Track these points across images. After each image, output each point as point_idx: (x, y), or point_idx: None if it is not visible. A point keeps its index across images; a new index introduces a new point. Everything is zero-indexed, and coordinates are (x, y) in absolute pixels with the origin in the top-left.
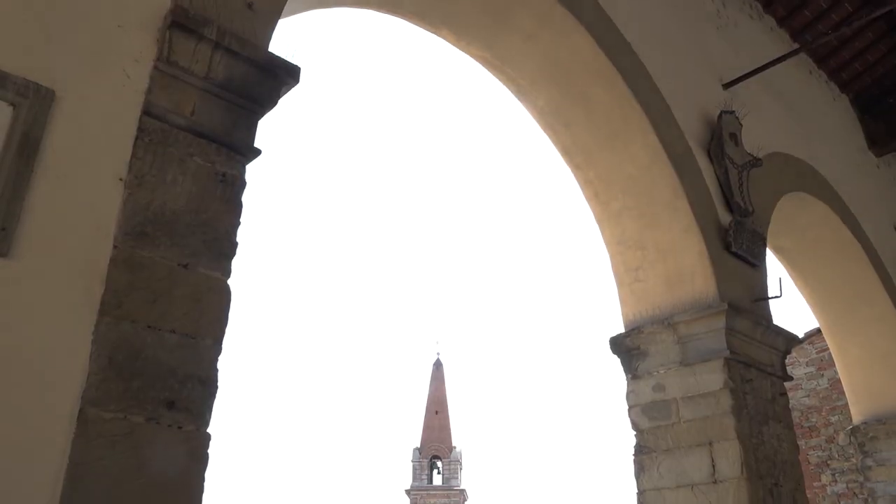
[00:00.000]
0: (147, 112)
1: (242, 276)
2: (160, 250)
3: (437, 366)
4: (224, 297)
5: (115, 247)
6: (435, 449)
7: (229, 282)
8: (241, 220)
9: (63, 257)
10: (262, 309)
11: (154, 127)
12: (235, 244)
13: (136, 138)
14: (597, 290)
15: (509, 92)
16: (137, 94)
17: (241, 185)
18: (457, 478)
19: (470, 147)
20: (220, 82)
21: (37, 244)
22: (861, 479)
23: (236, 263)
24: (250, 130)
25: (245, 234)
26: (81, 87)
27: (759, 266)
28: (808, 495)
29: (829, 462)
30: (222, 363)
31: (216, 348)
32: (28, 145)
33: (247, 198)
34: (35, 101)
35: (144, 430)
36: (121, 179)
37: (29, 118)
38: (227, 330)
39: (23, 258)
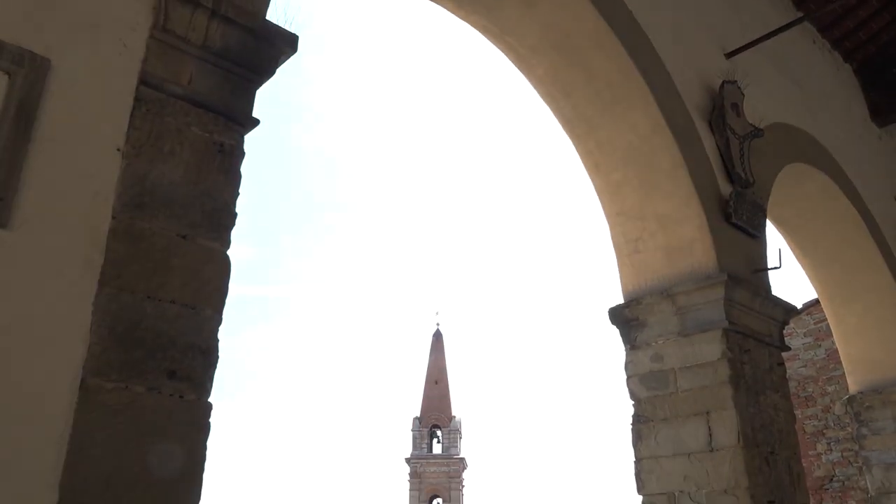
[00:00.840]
0: (144, 81)
1: (247, 249)
2: (159, 221)
3: (437, 336)
4: (223, 267)
5: (113, 217)
6: (435, 418)
7: (228, 253)
8: (240, 190)
9: (62, 228)
10: (264, 282)
11: (151, 96)
12: (234, 215)
13: (133, 108)
14: (597, 261)
15: (509, 61)
16: (134, 62)
17: (240, 155)
18: (456, 446)
19: (471, 118)
20: (216, 51)
21: (36, 214)
22: (856, 447)
23: (236, 233)
24: (248, 100)
25: (247, 205)
26: (77, 55)
27: (758, 237)
28: (804, 463)
29: (824, 431)
30: (222, 334)
31: (216, 319)
32: (24, 114)
33: (246, 168)
34: (30, 70)
35: (146, 399)
36: (118, 149)
37: (24, 87)
38: (227, 300)
39: (22, 228)
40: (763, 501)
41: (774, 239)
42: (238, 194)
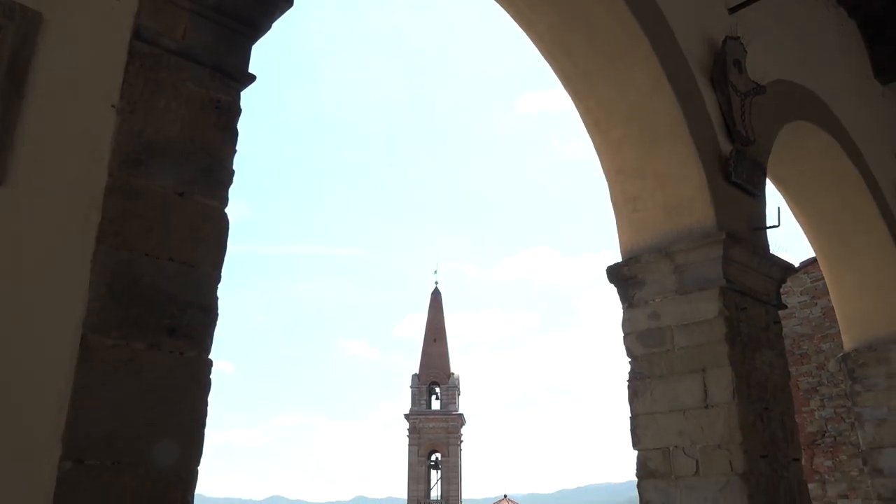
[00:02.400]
0: (137, 35)
1: (249, 203)
2: (155, 178)
3: (436, 294)
4: (221, 225)
5: (109, 175)
6: (433, 375)
7: (226, 210)
8: (237, 147)
9: (58, 185)
10: (267, 233)
11: (145, 51)
12: (231, 172)
13: (127, 63)
14: (596, 219)
15: (510, 17)
16: (127, 16)
17: (236, 111)
18: (455, 403)
19: (472, 75)
20: (211, 4)
21: (31, 172)
22: (849, 404)
23: (234, 191)
24: (244, 55)
25: (246, 160)
26: (69, 9)
27: (758, 195)
28: (797, 419)
29: (818, 388)
30: (221, 291)
31: (215, 276)
32: (17, 69)
33: (244, 124)
34: (22, 24)
35: (146, 356)
36: (113, 106)
37: (16, 41)
38: (226, 257)
39: (18, 185)
40: (756, 456)
41: (774, 198)
42: (235, 151)
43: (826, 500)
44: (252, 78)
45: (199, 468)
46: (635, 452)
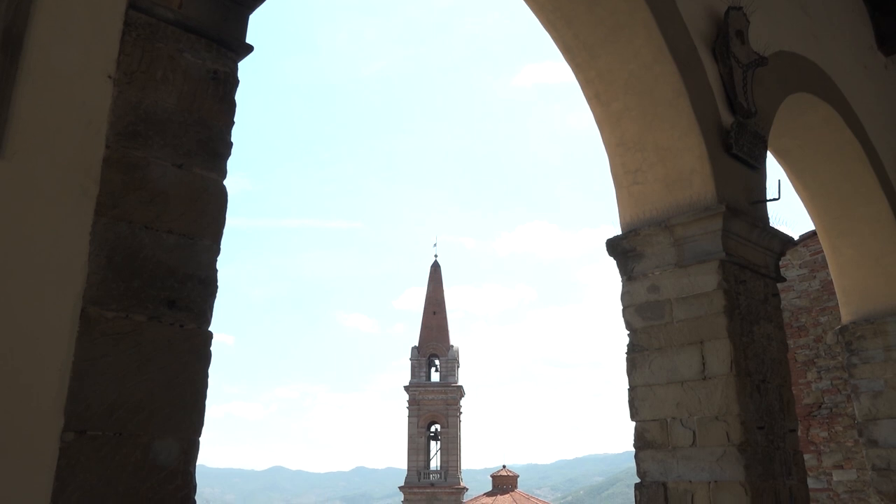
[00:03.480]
0: (133, 5)
1: (252, 177)
2: (153, 150)
3: (435, 267)
4: (220, 197)
5: (107, 147)
6: (433, 347)
7: (225, 183)
8: (235, 119)
9: (56, 157)
10: (267, 207)
11: (141, 21)
12: (230, 144)
13: (123, 33)
14: (595, 193)
15: None
16: None
17: (234, 82)
18: (454, 375)
19: (472, 48)
20: None
21: (28, 144)
22: (846, 376)
23: (234, 165)
24: (241, 25)
25: (246, 134)
26: None
27: (758, 168)
28: (794, 391)
29: (815, 360)
30: (221, 264)
31: (214, 248)
32: (11, 41)
33: (243, 97)
34: None
35: (146, 328)
36: (109, 77)
37: (9, 12)
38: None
39: (15, 158)
40: (753, 427)
41: (774, 170)
42: (233, 123)
43: (821, 470)
44: (249, 48)
45: (201, 439)
46: (633, 424)
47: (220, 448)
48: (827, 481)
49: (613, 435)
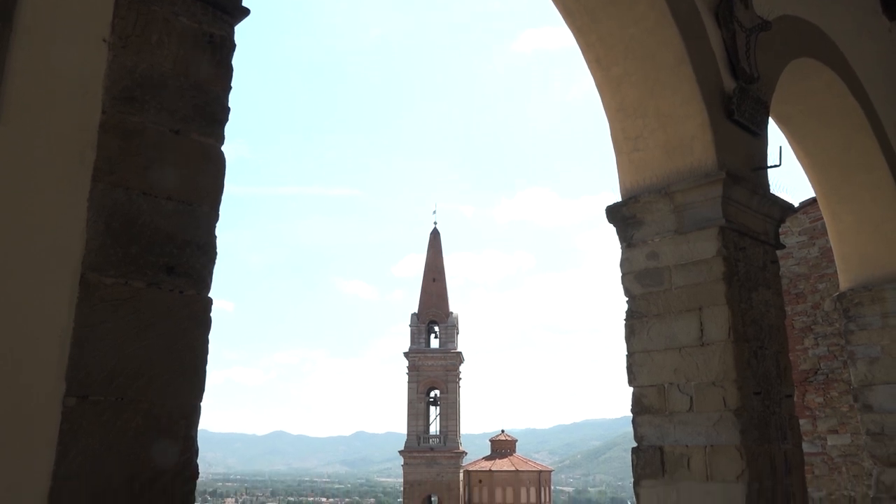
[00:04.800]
0: None
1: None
2: (150, 115)
3: (435, 235)
4: (218, 163)
5: (103, 112)
6: (432, 314)
7: (223, 148)
8: (232, 84)
9: (52, 123)
10: (266, 174)
11: None
12: (227, 109)
13: None
14: (595, 160)
15: None
16: None
17: (231, 47)
18: (453, 342)
19: (471, 20)
20: None
21: (24, 109)
22: (842, 342)
23: (233, 132)
24: None
25: (245, 101)
26: None
27: (760, 134)
28: (791, 357)
29: (812, 327)
30: (221, 231)
31: (213, 215)
32: (4, 5)
33: (241, 63)
34: None
35: (146, 294)
36: (104, 40)
37: None
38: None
39: (10, 124)
40: (749, 392)
41: (776, 136)
42: (230, 88)
43: (816, 434)
44: (246, 12)
45: (202, 404)
46: (631, 389)
47: (221, 413)
48: (821, 445)
49: (611, 400)
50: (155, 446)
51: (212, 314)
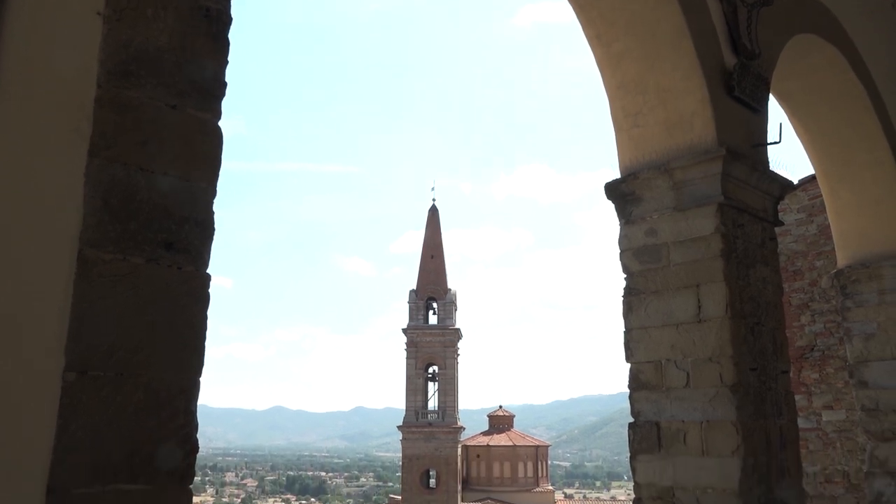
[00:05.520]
0: None
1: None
2: (146, 90)
3: (433, 211)
4: (216, 138)
5: (98, 86)
6: (431, 291)
7: (220, 123)
8: (229, 58)
9: (47, 96)
10: (264, 151)
11: None
12: (224, 84)
13: None
14: (593, 137)
15: None
16: None
17: (227, 20)
18: (451, 318)
19: None
20: None
21: (17, 84)
22: (839, 319)
23: (231, 108)
24: None
25: (242, 77)
26: None
27: (760, 111)
28: (787, 334)
29: (809, 304)
30: (219, 208)
31: (210, 191)
32: None
33: (238, 38)
34: None
35: (144, 270)
36: (99, 13)
37: None
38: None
39: (4, 98)
40: (746, 369)
41: (776, 113)
42: (227, 62)
43: (811, 410)
44: None
45: (202, 379)
46: (628, 365)
47: (221, 388)
48: (816, 421)
49: (608, 376)
50: (155, 421)
51: (210, 290)
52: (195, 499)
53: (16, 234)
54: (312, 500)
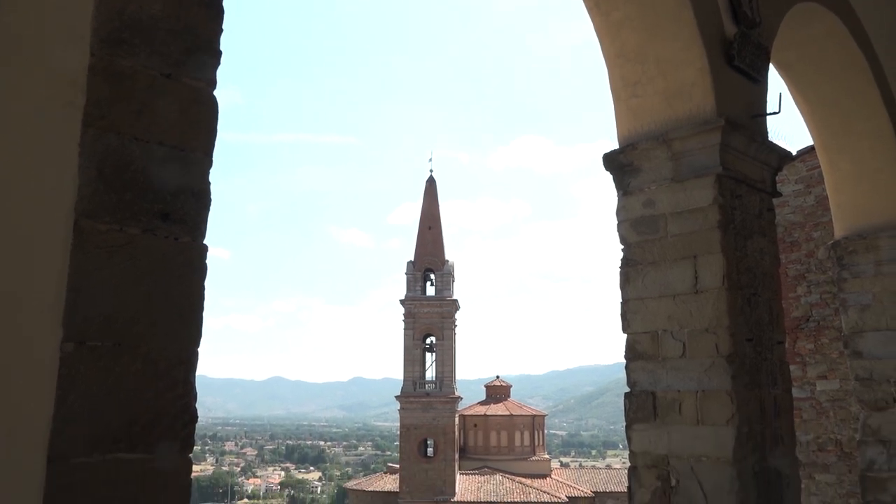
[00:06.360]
0: None
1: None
2: (140, 58)
3: (430, 182)
4: (211, 108)
5: (92, 55)
6: (428, 262)
7: (215, 93)
8: (223, 26)
9: (38, 65)
10: (260, 122)
11: None
12: (219, 53)
13: None
14: (592, 107)
15: None
16: None
17: None
18: (449, 289)
19: None
20: None
21: (8, 52)
22: (835, 290)
23: (226, 79)
24: None
25: (237, 46)
26: None
27: (760, 81)
28: (783, 305)
29: (805, 275)
30: (216, 179)
31: (206, 161)
32: None
33: (233, 6)
34: None
35: (141, 241)
36: None
37: None
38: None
39: None
40: (741, 339)
41: (775, 83)
42: (222, 30)
43: (805, 380)
44: None
45: (200, 350)
46: (625, 336)
47: (220, 359)
48: (810, 391)
49: (604, 347)
50: (154, 391)
51: (208, 262)
52: (195, 467)
53: (11, 205)
54: (311, 468)
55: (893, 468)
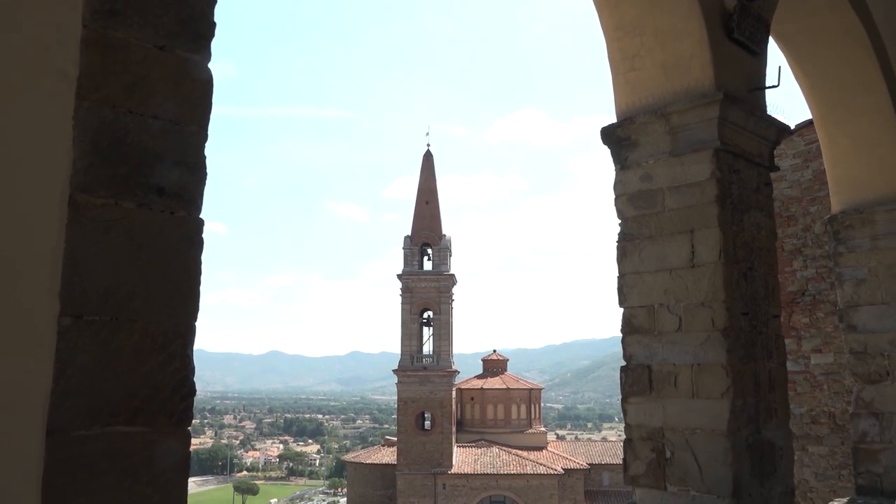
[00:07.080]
0: None
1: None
2: (133, 30)
3: (428, 157)
4: (205, 81)
5: (84, 26)
6: (425, 237)
7: (210, 66)
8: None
9: (30, 37)
10: (255, 95)
11: None
12: (213, 24)
13: None
14: (589, 80)
15: None
16: None
17: None
18: (446, 264)
19: None
20: None
21: (1, 22)
22: (831, 264)
23: (221, 52)
24: None
25: (231, 19)
26: None
27: (759, 53)
28: (779, 279)
29: (802, 249)
30: (211, 153)
31: (201, 134)
32: None
33: None
34: None
35: (136, 215)
36: None
37: None
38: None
39: None
40: (737, 313)
41: (775, 56)
42: (215, 2)
43: (800, 353)
44: None
45: (198, 324)
46: (621, 310)
47: (218, 333)
48: (805, 364)
49: (600, 321)
50: (152, 364)
51: (204, 236)
52: (194, 441)
53: (6, 179)
54: (310, 441)
55: (885, 440)
